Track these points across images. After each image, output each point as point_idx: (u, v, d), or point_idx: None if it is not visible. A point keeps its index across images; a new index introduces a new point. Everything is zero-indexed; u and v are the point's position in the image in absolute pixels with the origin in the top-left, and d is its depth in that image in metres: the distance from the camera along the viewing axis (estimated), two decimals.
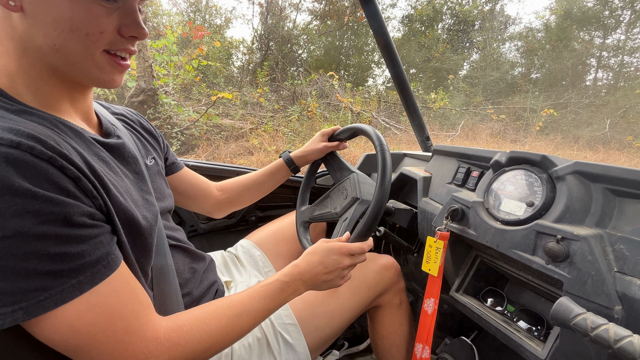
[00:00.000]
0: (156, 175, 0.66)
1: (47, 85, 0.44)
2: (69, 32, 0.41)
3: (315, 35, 9.07)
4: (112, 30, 0.44)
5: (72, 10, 0.40)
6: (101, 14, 0.42)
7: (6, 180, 0.33)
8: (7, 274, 0.34)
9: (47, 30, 0.40)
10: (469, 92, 8.92)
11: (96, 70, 0.45)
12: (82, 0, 0.40)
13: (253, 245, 0.98)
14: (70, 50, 0.42)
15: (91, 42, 0.42)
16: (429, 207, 0.87)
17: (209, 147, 4.56)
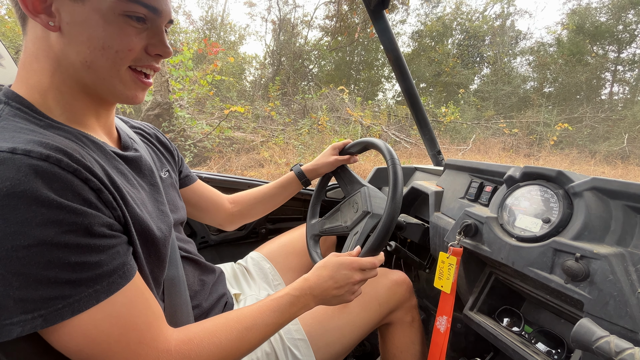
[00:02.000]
0: (170, 187, 0.68)
1: (76, 100, 0.47)
2: (100, 50, 0.43)
3: (326, 50, 9.27)
4: (139, 48, 0.46)
5: (105, 30, 0.43)
6: (131, 33, 0.45)
7: (34, 191, 0.35)
8: (30, 281, 0.35)
9: (80, 47, 0.43)
10: (480, 106, 8.88)
11: (121, 86, 0.47)
12: (115, 21, 0.43)
13: (263, 258, 0.98)
14: (100, 67, 0.44)
15: (119, 59, 0.45)
16: (441, 222, 0.86)
17: (221, 159, 4.64)
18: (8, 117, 0.42)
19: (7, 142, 0.36)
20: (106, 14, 0.42)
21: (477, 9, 10.82)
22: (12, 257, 0.34)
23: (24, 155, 0.35)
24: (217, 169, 4.33)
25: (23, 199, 0.34)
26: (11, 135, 0.38)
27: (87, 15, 0.42)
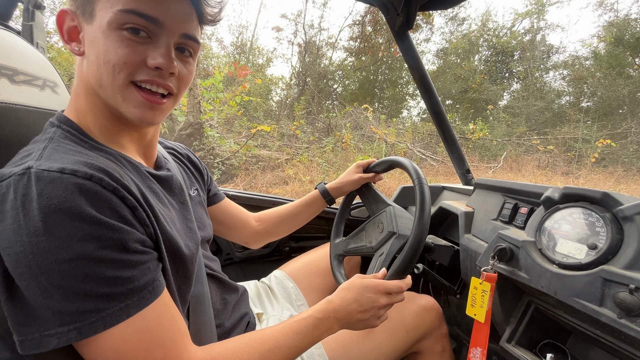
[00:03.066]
0: (198, 205, 0.70)
1: (109, 122, 0.49)
2: (102, 65, 0.44)
3: (350, 70, 9.46)
4: (136, 61, 0.44)
5: (105, 45, 0.43)
6: (128, 45, 0.44)
7: (78, 207, 0.37)
8: (69, 294, 0.37)
9: (93, 67, 0.45)
10: (510, 122, 8.55)
11: (125, 103, 0.46)
12: (113, 35, 0.43)
13: (286, 277, 0.97)
14: (105, 83, 0.45)
15: (116, 73, 0.44)
16: (472, 244, 0.82)
17: (247, 176, 4.77)
18: (59, 139, 0.45)
19: (58, 163, 0.39)
20: (106, 30, 0.43)
21: (505, 25, 10.60)
22: (55, 270, 0.36)
23: (71, 175, 0.38)
24: (244, 186, 4.44)
25: (68, 215, 0.36)
26: (61, 157, 0.41)
27: (95, 34, 0.44)
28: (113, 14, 0.42)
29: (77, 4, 0.44)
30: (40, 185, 0.36)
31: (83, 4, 0.44)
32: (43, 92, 0.59)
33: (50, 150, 0.42)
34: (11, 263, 0.36)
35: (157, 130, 0.59)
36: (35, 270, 0.36)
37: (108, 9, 0.42)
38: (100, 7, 0.43)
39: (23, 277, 0.36)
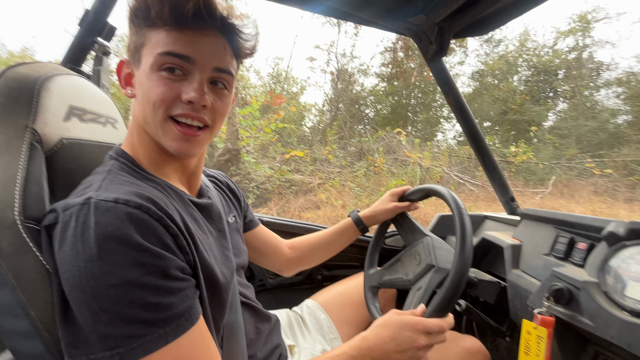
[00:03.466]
0: (235, 232, 0.72)
1: (156, 154, 0.54)
2: (145, 104, 0.49)
3: (382, 95, 9.54)
4: (172, 97, 0.48)
5: (147, 86, 0.49)
6: (165, 84, 0.48)
7: (127, 235, 0.40)
8: (115, 319, 0.39)
9: (140, 106, 0.51)
10: (558, 144, 7.95)
11: (164, 136, 0.50)
12: (154, 76, 0.48)
13: (318, 307, 0.95)
14: (149, 120, 0.50)
15: (155, 109, 0.48)
16: (521, 281, 0.74)
17: (280, 200, 4.86)
18: (116, 171, 0.50)
19: (113, 193, 0.43)
20: (148, 72, 0.48)
21: (546, 44, 10.17)
22: (104, 294, 0.38)
23: (123, 205, 0.41)
24: (277, 210, 4.52)
25: (119, 242, 0.39)
26: (116, 187, 0.45)
27: (141, 77, 0.50)
28: (153, 57, 0.47)
29: (130, 54, 0.51)
30: (97, 214, 0.40)
31: (133, 53, 0.50)
32: (105, 128, 0.67)
33: (108, 181, 0.46)
34: (68, 286, 0.39)
35: (201, 161, 0.63)
36: (88, 294, 0.38)
37: (150, 54, 0.48)
38: (145, 54, 0.49)
39: (77, 301, 0.39)
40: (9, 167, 0.43)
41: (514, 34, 10.27)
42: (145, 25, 0.48)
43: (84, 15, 0.87)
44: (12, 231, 0.40)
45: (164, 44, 0.47)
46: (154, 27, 0.47)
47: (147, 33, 0.48)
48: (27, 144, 0.46)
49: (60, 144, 0.52)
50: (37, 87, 0.49)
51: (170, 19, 0.46)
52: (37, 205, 0.44)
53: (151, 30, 0.47)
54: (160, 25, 0.47)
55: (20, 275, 0.38)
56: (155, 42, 0.47)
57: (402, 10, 0.92)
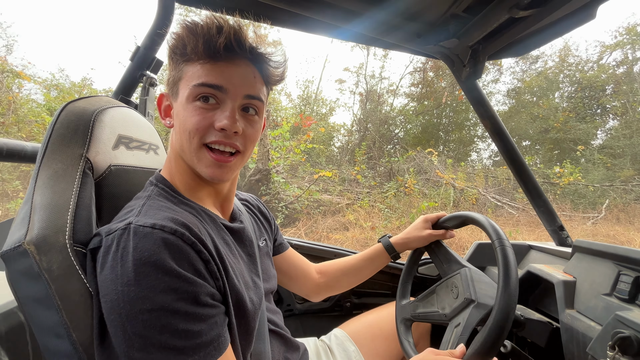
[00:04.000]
0: (265, 256, 0.72)
1: (192, 180, 0.56)
2: (182, 133, 0.52)
3: (412, 115, 9.45)
4: (206, 125, 0.50)
5: (183, 115, 0.51)
6: (200, 113, 0.50)
7: (162, 261, 0.41)
8: (147, 344, 0.39)
9: (177, 135, 0.54)
10: (610, 164, 7.30)
11: (199, 164, 0.52)
12: (190, 106, 0.51)
13: (347, 338, 0.91)
14: (185, 148, 0.52)
15: (191, 138, 0.51)
16: (578, 324, 0.66)
17: (308, 221, 4.86)
18: (155, 196, 0.53)
19: (151, 219, 0.45)
20: (184, 103, 0.51)
21: (590, 58, 9.61)
22: (138, 319, 0.39)
23: (160, 230, 0.43)
24: (305, 231, 4.51)
25: (154, 267, 0.40)
26: (154, 213, 0.47)
27: (178, 108, 0.53)
28: (189, 89, 0.50)
29: (169, 87, 0.54)
30: (136, 240, 0.42)
31: (172, 86, 0.54)
32: (148, 155, 0.71)
33: (147, 207, 0.49)
34: (106, 309, 0.41)
35: (234, 185, 0.64)
36: (124, 317, 0.39)
37: (186, 87, 0.51)
38: (182, 87, 0.52)
39: (113, 324, 0.40)
40: (64, 193, 0.47)
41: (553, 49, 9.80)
42: (182, 61, 0.51)
43: (135, 51, 0.96)
44: (62, 254, 0.42)
45: (198, 76, 0.50)
46: (189, 61, 0.51)
47: (183, 67, 0.51)
48: (80, 171, 0.50)
49: (108, 170, 0.56)
50: (93, 119, 0.54)
51: (204, 53, 0.49)
52: (85, 229, 0.47)
53: (187, 64, 0.51)
54: (195, 59, 0.50)
55: (65, 297, 0.40)
56: (190, 75, 0.50)
57: (433, 35, 0.91)
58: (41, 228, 0.42)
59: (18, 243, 0.40)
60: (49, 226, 0.43)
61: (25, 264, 0.40)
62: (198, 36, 0.48)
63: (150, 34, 0.93)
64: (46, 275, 0.40)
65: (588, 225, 5.04)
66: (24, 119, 4.81)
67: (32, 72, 5.94)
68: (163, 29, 0.93)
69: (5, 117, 4.68)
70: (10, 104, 4.82)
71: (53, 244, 0.42)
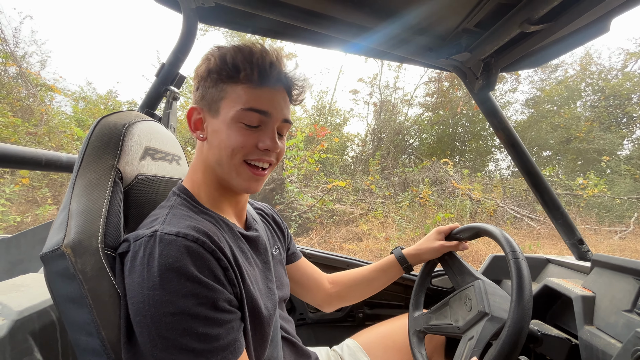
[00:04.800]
0: (279, 264, 0.74)
1: (216, 191, 0.60)
2: (224, 149, 0.55)
3: (427, 125, 9.37)
4: (251, 145, 0.55)
5: (228, 134, 0.55)
6: (245, 134, 0.55)
7: (185, 267, 0.44)
8: (169, 345, 0.42)
9: (214, 150, 0.57)
10: (638, 175, 6.96)
11: (238, 178, 0.57)
12: (235, 127, 0.55)
13: (360, 349, 0.91)
14: (224, 163, 0.56)
15: (234, 155, 0.55)
16: (597, 341, 0.64)
17: (322, 230, 4.86)
18: (177, 205, 0.56)
19: (175, 227, 0.48)
20: (229, 123, 0.55)
21: (613, 66, 9.30)
22: (162, 321, 0.42)
23: (183, 238, 0.46)
24: (318, 240, 4.51)
25: (177, 273, 0.43)
26: (177, 221, 0.50)
27: (219, 126, 0.56)
28: (235, 111, 0.54)
29: (204, 102, 0.57)
30: (161, 246, 0.45)
31: (210, 103, 0.57)
32: (171, 165, 0.76)
33: (171, 215, 0.52)
34: (133, 311, 0.44)
35: (248, 196, 0.68)
36: (148, 319, 0.42)
37: (231, 107, 0.54)
38: (224, 106, 0.55)
39: (139, 325, 0.43)
40: (97, 201, 0.51)
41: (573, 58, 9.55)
42: (226, 82, 0.55)
43: (160, 67, 1.02)
44: (95, 257, 0.46)
45: (245, 101, 0.54)
46: (234, 83, 0.55)
47: (226, 88, 0.55)
48: (111, 181, 0.55)
49: (135, 180, 0.61)
50: (123, 132, 0.59)
51: (257, 80, 0.54)
52: (114, 234, 0.51)
53: (231, 85, 0.55)
54: (241, 82, 0.54)
55: (96, 297, 0.44)
56: (236, 98, 0.54)
57: (445, 49, 0.93)
58: (77, 233, 0.46)
59: (57, 246, 0.44)
60: (84, 231, 0.47)
61: (62, 265, 0.44)
62: (253, 65, 0.53)
63: (174, 52, 0.99)
64: (80, 276, 0.43)
65: (615, 240, 4.80)
66: (54, 130, 5.10)
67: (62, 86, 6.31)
68: (187, 47, 0.99)
69: (38, 127, 4.98)
70: (42, 116, 5.14)
71: (87, 247, 0.46)
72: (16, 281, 0.69)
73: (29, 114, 5.26)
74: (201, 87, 0.57)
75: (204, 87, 0.56)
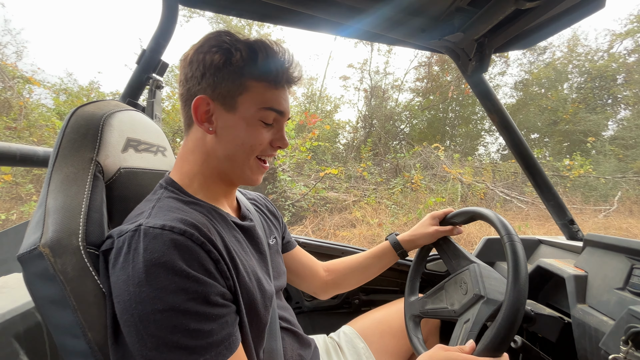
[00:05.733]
0: (275, 254, 0.73)
1: (214, 183, 0.58)
2: (240, 146, 0.55)
3: (417, 110, 9.36)
4: (266, 143, 0.57)
5: (246, 131, 0.54)
6: (262, 132, 0.56)
7: (172, 262, 0.42)
8: (159, 344, 0.40)
9: (227, 145, 0.55)
10: (622, 155, 7.14)
11: (249, 172, 0.58)
12: (254, 124, 0.55)
13: (356, 335, 0.91)
14: (237, 158, 0.56)
15: (251, 152, 0.56)
16: (590, 319, 0.65)
17: (315, 218, 4.87)
18: (164, 198, 0.53)
19: (160, 220, 0.45)
20: (249, 120, 0.54)
21: (600, 48, 9.37)
22: (150, 319, 0.40)
23: (169, 231, 0.44)
24: (312, 228, 4.53)
25: (164, 268, 0.41)
26: (164, 214, 0.48)
27: (236, 122, 0.54)
28: (255, 109, 0.54)
29: (216, 94, 0.53)
30: (146, 241, 0.42)
31: (224, 97, 0.53)
32: (156, 157, 0.72)
33: (157, 208, 0.50)
34: (119, 310, 0.42)
35: None
36: (136, 318, 0.40)
37: (252, 105, 0.54)
38: (242, 102, 0.54)
39: (126, 324, 0.41)
40: (76, 196, 0.48)
41: (561, 40, 9.58)
42: (248, 79, 0.53)
43: (141, 54, 0.97)
44: (76, 256, 0.43)
45: (266, 100, 0.54)
46: (256, 79, 0.53)
47: (247, 83, 0.53)
48: (91, 175, 0.52)
49: (118, 173, 0.57)
50: (102, 123, 0.55)
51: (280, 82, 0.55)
52: (97, 231, 0.48)
53: (253, 81, 0.53)
54: (264, 81, 0.54)
55: (80, 298, 0.42)
56: (256, 95, 0.54)
57: (438, 29, 0.90)
58: (55, 231, 0.43)
59: (34, 246, 0.41)
60: (63, 229, 0.44)
61: (41, 266, 0.41)
62: (284, 67, 0.54)
63: (155, 37, 0.94)
64: (61, 277, 0.41)
65: (600, 218, 4.96)
66: (35, 124, 4.91)
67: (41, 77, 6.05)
68: (168, 32, 0.94)
69: (17, 122, 4.78)
70: (21, 109, 4.93)
71: (67, 247, 0.43)
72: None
73: (7, 107, 5.04)
74: (213, 77, 0.52)
75: (217, 77, 0.52)
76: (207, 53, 0.52)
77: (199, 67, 0.52)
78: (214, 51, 0.52)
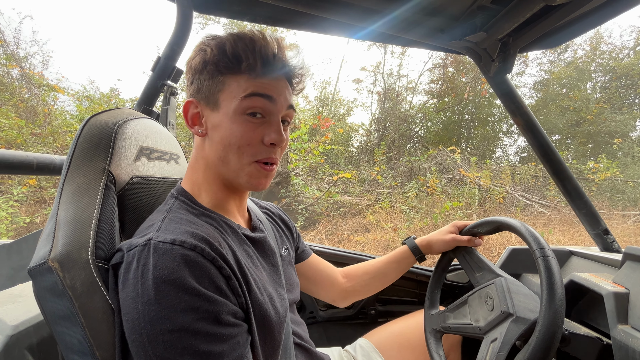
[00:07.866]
0: (288, 265, 0.70)
1: (219, 191, 0.56)
2: (228, 146, 0.51)
3: (432, 112, 9.20)
4: (257, 141, 0.51)
5: (230, 129, 0.50)
6: (250, 128, 0.51)
7: (182, 279, 0.40)
8: None
9: (217, 147, 0.52)
10: None
11: (246, 176, 0.53)
12: (238, 120, 0.50)
13: (373, 349, 0.87)
14: (230, 161, 0.52)
15: (241, 154, 0.51)
16: (633, 342, 0.59)
17: (329, 223, 4.83)
18: (175, 209, 0.52)
19: (171, 234, 0.44)
20: (232, 116, 0.50)
21: (625, 45, 8.96)
22: (159, 340, 0.38)
23: (179, 246, 0.42)
24: (325, 233, 4.49)
25: (174, 286, 0.39)
26: (174, 227, 0.46)
27: (220, 120, 0.51)
28: (237, 101, 0.50)
29: (201, 95, 0.53)
30: (156, 257, 0.41)
31: (207, 96, 0.52)
32: (169, 165, 0.71)
33: (167, 220, 0.48)
34: (128, 328, 0.40)
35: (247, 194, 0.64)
36: (145, 338, 0.38)
37: (232, 98, 0.50)
38: (224, 98, 0.51)
39: (134, 344, 0.39)
40: (87, 208, 0.47)
41: (583, 38, 9.22)
42: (225, 74, 0.50)
43: (156, 61, 0.97)
44: (85, 271, 0.42)
45: (246, 88, 0.50)
46: (234, 74, 0.50)
47: (225, 80, 0.50)
48: (103, 185, 0.51)
49: (130, 183, 0.56)
50: (114, 132, 0.54)
51: (260, 71, 0.50)
52: (107, 244, 0.47)
53: (230, 77, 0.50)
54: (242, 73, 0.50)
55: (89, 315, 0.40)
56: (236, 87, 0.50)
57: (458, 29, 0.86)
58: (65, 244, 0.42)
59: (43, 260, 0.40)
60: (72, 242, 0.43)
61: (50, 281, 0.40)
62: (256, 55, 0.49)
63: (170, 44, 0.94)
64: (70, 293, 0.40)
65: (629, 224, 4.69)
66: (59, 130, 5.11)
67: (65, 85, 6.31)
68: (183, 39, 0.94)
69: (42, 128, 4.98)
70: (46, 116, 5.14)
71: (76, 261, 0.42)
72: (14, 291, 0.66)
73: (33, 115, 5.27)
74: (196, 80, 0.52)
75: (199, 80, 0.52)
76: (192, 59, 0.52)
77: (188, 74, 0.54)
78: (194, 55, 0.52)
